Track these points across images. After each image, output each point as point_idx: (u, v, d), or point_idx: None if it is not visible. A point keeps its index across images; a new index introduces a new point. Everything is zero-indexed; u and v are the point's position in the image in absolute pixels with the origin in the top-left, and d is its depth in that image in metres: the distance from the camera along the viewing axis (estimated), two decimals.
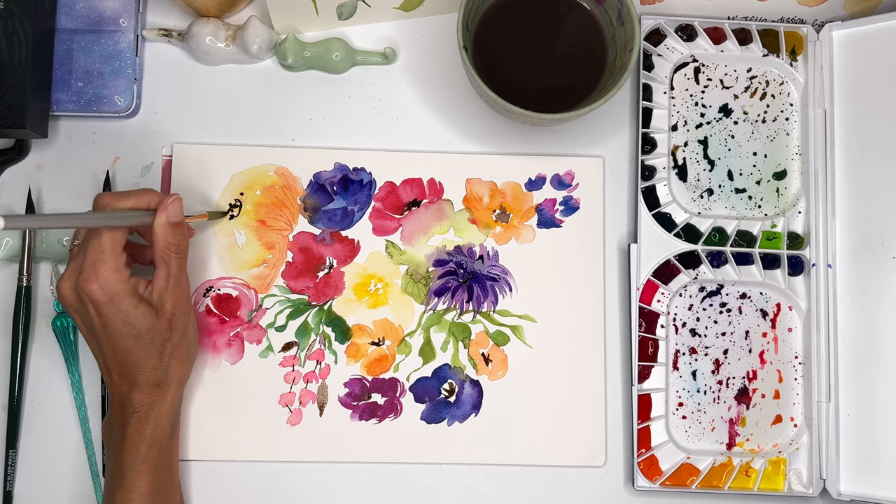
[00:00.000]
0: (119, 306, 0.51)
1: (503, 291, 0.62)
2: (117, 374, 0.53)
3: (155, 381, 0.53)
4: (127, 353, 0.52)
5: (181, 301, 0.54)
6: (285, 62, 0.63)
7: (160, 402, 0.54)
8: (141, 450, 0.53)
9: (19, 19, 0.58)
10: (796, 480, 0.60)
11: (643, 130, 0.63)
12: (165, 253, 0.53)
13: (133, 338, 0.52)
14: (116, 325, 0.51)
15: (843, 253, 0.62)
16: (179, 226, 0.54)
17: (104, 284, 0.50)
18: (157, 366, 0.53)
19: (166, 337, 0.53)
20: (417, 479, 0.60)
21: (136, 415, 0.53)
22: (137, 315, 0.52)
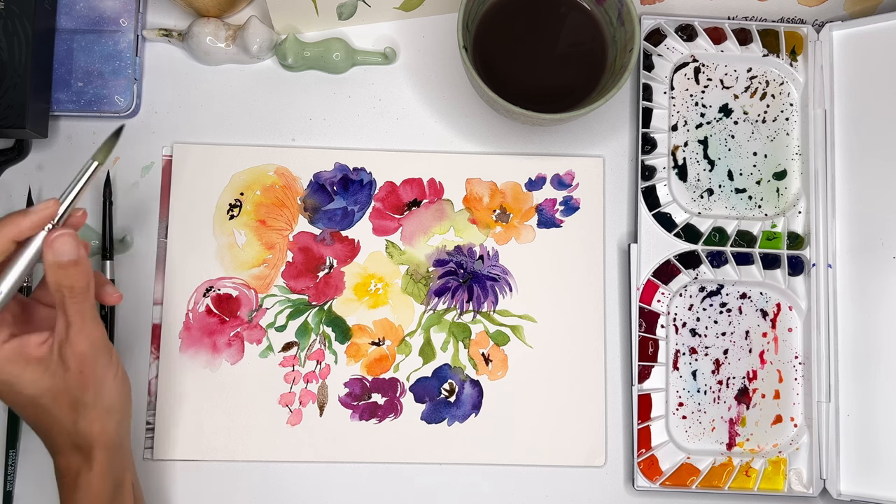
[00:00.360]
0: (4, 377, 0.44)
1: (503, 291, 0.62)
2: (40, 436, 0.48)
3: (74, 445, 0.47)
4: (32, 419, 0.47)
5: (92, 356, 0.46)
6: (285, 62, 0.63)
7: (86, 468, 0.47)
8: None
9: (19, 19, 0.58)
10: (796, 480, 0.60)
11: (643, 130, 0.63)
12: (59, 297, 0.45)
13: (30, 406, 0.46)
14: (8, 395, 0.45)
15: (843, 253, 0.62)
16: (74, 264, 0.45)
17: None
18: (71, 431, 0.47)
19: (74, 397, 0.46)
20: (417, 479, 0.60)
21: (65, 480, 0.47)
22: (23, 383, 0.45)
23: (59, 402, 0.46)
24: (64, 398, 0.46)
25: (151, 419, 0.59)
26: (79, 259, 0.45)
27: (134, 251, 0.61)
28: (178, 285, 0.61)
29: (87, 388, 0.46)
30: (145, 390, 0.60)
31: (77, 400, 0.46)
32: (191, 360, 0.60)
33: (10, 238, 0.45)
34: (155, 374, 0.60)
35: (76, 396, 0.46)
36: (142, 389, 0.60)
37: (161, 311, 0.60)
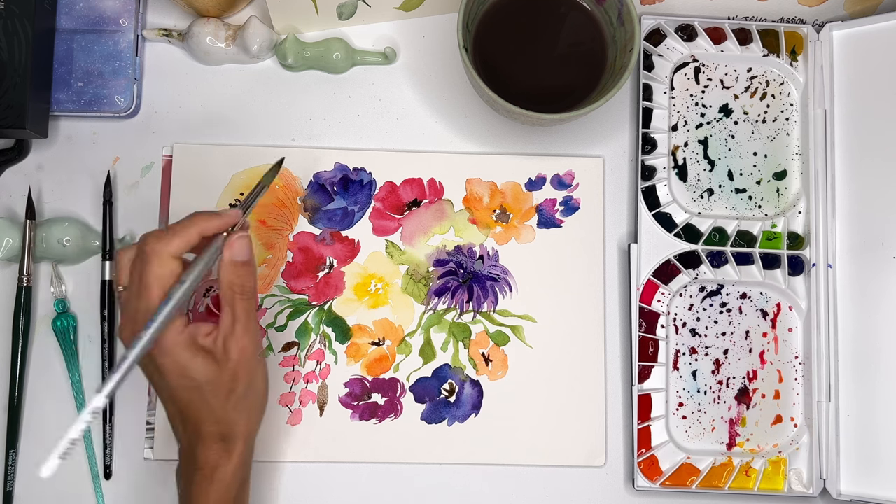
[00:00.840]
0: (175, 358, 0.47)
1: (503, 291, 0.62)
2: (181, 424, 0.50)
3: (219, 436, 0.49)
4: (188, 406, 0.49)
5: (247, 351, 0.49)
6: (285, 62, 0.63)
7: (225, 461, 0.49)
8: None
9: (19, 19, 0.58)
10: (796, 480, 0.60)
11: (643, 130, 0.63)
12: (230, 295, 0.49)
13: (193, 390, 0.48)
14: (175, 379, 0.48)
15: (843, 253, 0.62)
16: (246, 265, 0.49)
17: (160, 337, 0.47)
18: (221, 419, 0.49)
19: (230, 388, 0.49)
20: (417, 479, 0.60)
21: (201, 472, 0.49)
22: (195, 367, 0.48)
23: (217, 391, 0.48)
24: (222, 388, 0.49)
25: (151, 419, 0.59)
26: (250, 261, 0.50)
27: None
28: None
29: (242, 381, 0.49)
30: (145, 390, 0.60)
31: (232, 391, 0.49)
32: None
33: (199, 233, 0.48)
34: None
35: (231, 388, 0.49)
36: (142, 389, 0.60)
37: None
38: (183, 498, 0.50)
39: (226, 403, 0.49)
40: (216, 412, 0.49)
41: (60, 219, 0.60)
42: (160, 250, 0.47)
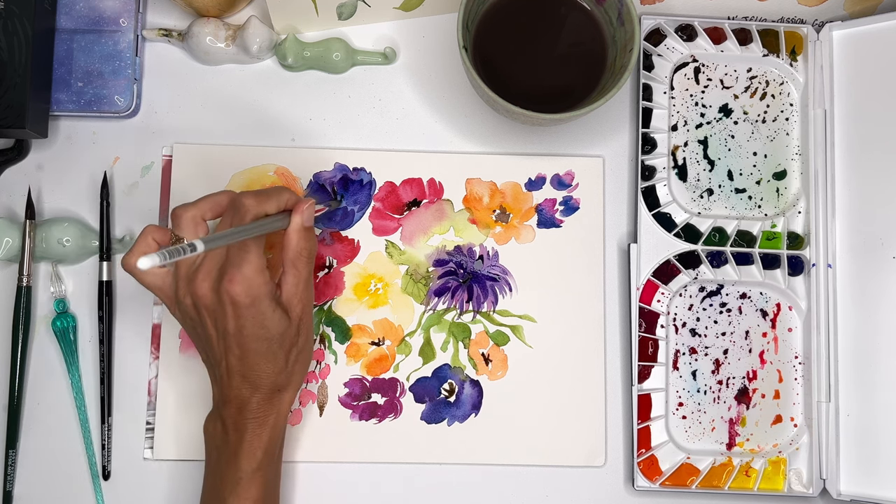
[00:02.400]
0: (259, 308, 0.50)
1: (503, 291, 0.62)
2: (240, 377, 0.52)
3: (277, 387, 0.52)
4: (256, 356, 0.51)
5: (308, 307, 0.54)
6: (285, 62, 0.63)
7: (278, 408, 0.53)
8: (257, 456, 0.52)
9: (19, 19, 0.58)
10: (796, 480, 0.60)
11: (643, 130, 0.63)
12: (298, 257, 0.52)
13: (266, 341, 0.51)
14: (253, 329, 0.50)
15: (843, 253, 0.62)
16: (311, 230, 0.53)
17: (249, 287, 0.49)
18: (282, 370, 0.52)
19: (293, 342, 0.53)
20: (417, 479, 0.60)
21: (256, 420, 0.52)
22: (274, 319, 0.51)
23: (284, 345, 0.52)
24: (287, 343, 0.52)
25: (151, 419, 0.59)
26: (313, 227, 0.54)
27: None
28: None
29: (303, 335, 0.53)
30: (145, 390, 0.60)
31: (294, 345, 0.53)
32: (191, 360, 0.60)
33: (287, 199, 0.53)
34: (155, 374, 0.60)
35: (294, 342, 0.53)
36: (142, 389, 0.60)
37: (161, 311, 0.60)
38: (225, 448, 0.52)
39: (288, 356, 0.52)
40: (279, 364, 0.52)
41: (60, 219, 0.60)
42: (258, 210, 0.51)
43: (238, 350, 0.51)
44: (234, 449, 0.52)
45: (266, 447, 0.52)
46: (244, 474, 0.51)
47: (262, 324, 0.50)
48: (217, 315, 0.50)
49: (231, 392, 0.52)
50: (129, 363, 0.60)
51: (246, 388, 0.52)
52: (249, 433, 0.52)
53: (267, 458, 0.52)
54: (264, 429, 0.52)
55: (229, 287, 0.49)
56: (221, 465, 0.52)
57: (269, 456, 0.53)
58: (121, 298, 0.61)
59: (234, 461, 0.52)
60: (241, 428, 0.52)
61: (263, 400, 0.52)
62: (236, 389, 0.52)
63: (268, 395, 0.52)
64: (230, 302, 0.49)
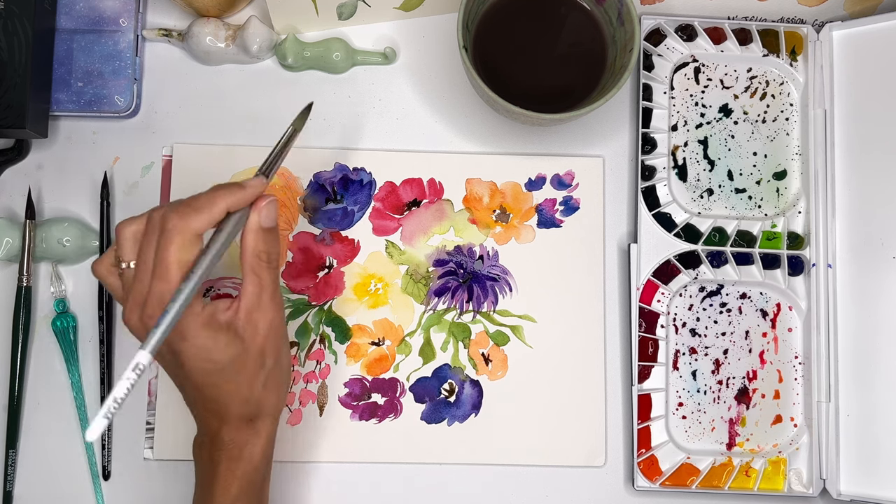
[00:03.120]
0: (194, 342, 0.44)
1: (503, 291, 0.62)
2: (202, 409, 0.47)
3: (247, 417, 0.47)
4: (212, 388, 0.46)
5: (275, 322, 0.46)
6: (285, 62, 0.63)
7: (253, 440, 0.48)
8: (231, 491, 0.47)
9: (19, 19, 0.58)
10: (796, 480, 0.60)
11: (643, 130, 0.63)
12: (255, 263, 0.46)
13: (217, 373, 0.45)
14: (195, 362, 0.45)
15: (843, 253, 0.62)
16: (272, 231, 0.46)
17: (178, 317, 0.43)
18: (249, 399, 0.46)
19: (258, 365, 0.46)
20: (417, 479, 0.60)
21: (227, 453, 0.47)
22: (218, 348, 0.44)
23: (245, 368, 0.46)
24: (249, 366, 0.46)
25: (151, 419, 0.59)
26: (276, 227, 0.46)
27: None
28: None
29: (270, 356, 0.46)
30: (145, 390, 0.60)
31: (260, 368, 0.46)
32: None
33: (225, 209, 0.45)
34: (155, 374, 0.60)
35: (259, 364, 0.46)
36: (142, 389, 0.60)
37: None
38: (204, 476, 0.48)
39: (254, 382, 0.46)
40: (243, 392, 0.46)
41: (60, 219, 0.60)
42: (183, 228, 0.43)
43: (190, 384, 0.46)
44: (209, 481, 0.48)
45: (241, 480, 0.47)
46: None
47: (205, 356, 0.44)
48: (159, 355, 0.46)
49: (200, 423, 0.48)
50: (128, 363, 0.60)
51: (213, 419, 0.47)
52: (223, 466, 0.47)
53: (244, 491, 0.48)
54: (238, 462, 0.47)
55: (150, 323, 0.43)
56: (199, 491, 0.49)
57: (248, 488, 0.48)
58: None
59: (209, 493, 0.48)
60: (214, 460, 0.47)
61: (234, 431, 0.47)
62: (204, 420, 0.48)
63: (237, 426, 0.47)
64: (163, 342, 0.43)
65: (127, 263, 0.45)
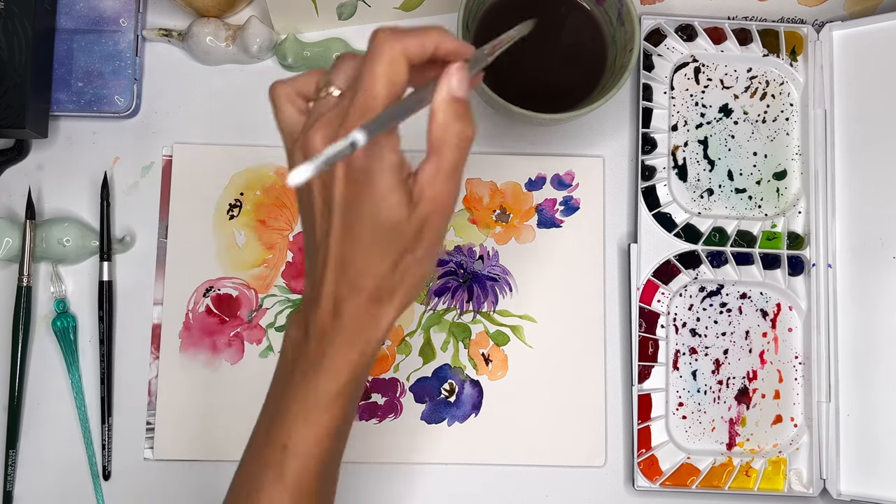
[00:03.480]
0: (375, 179, 0.39)
1: (503, 291, 0.62)
2: (338, 270, 0.41)
3: (378, 294, 0.41)
4: (361, 244, 0.40)
5: (442, 210, 0.40)
6: (285, 62, 0.63)
7: (374, 325, 0.41)
8: (341, 378, 0.41)
9: (19, 19, 0.58)
10: (796, 480, 0.60)
11: (643, 130, 0.63)
12: (442, 141, 0.40)
13: (374, 227, 0.39)
14: (362, 203, 0.39)
15: (843, 253, 0.62)
16: (463, 104, 0.40)
17: (371, 146, 0.38)
18: (388, 274, 0.40)
19: (409, 245, 0.40)
20: (417, 479, 0.60)
21: (346, 331, 0.41)
22: (391, 201, 0.39)
23: (394, 242, 0.40)
24: (400, 242, 0.40)
25: (151, 419, 0.59)
26: (469, 102, 0.40)
27: (134, 251, 0.61)
28: (178, 285, 0.61)
29: (425, 240, 0.41)
30: (145, 390, 0.60)
31: (409, 250, 0.40)
32: (191, 360, 0.60)
33: (434, 45, 0.40)
34: (155, 374, 0.60)
35: (408, 248, 0.40)
36: (142, 389, 0.60)
37: (161, 311, 0.60)
38: (312, 361, 0.42)
39: (399, 260, 0.40)
40: (385, 264, 0.40)
41: (60, 219, 0.60)
42: (394, 44, 0.38)
43: (341, 229, 0.40)
44: (315, 362, 0.41)
45: (353, 370, 0.41)
46: (322, 396, 0.41)
47: (375, 200, 0.39)
48: (326, 177, 0.40)
49: (324, 288, 0.41)
50: (129, 363, 0.60)
51: (343, 285, 0.41)
52: (336, 347, 0.41)
53: (351, 385, 0.42)
54: (355, 346, 0.41)
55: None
56: (294, 380, 0.42)
57: (355, 383, 0.42)
58: (121, 298, 0.61)
59: (311, 378, 0.41)
60: (327, 338, 0.41)
61: (360, 308, 0.41)
62: (331, 285, 0.41)
63: (366, 303, 0.41)
64: (345, 162, 0.39)
65: (332, 90, 0.41)
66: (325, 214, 0.41)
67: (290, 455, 0.42)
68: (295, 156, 0.41)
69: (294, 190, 0.42)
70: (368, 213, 0.39)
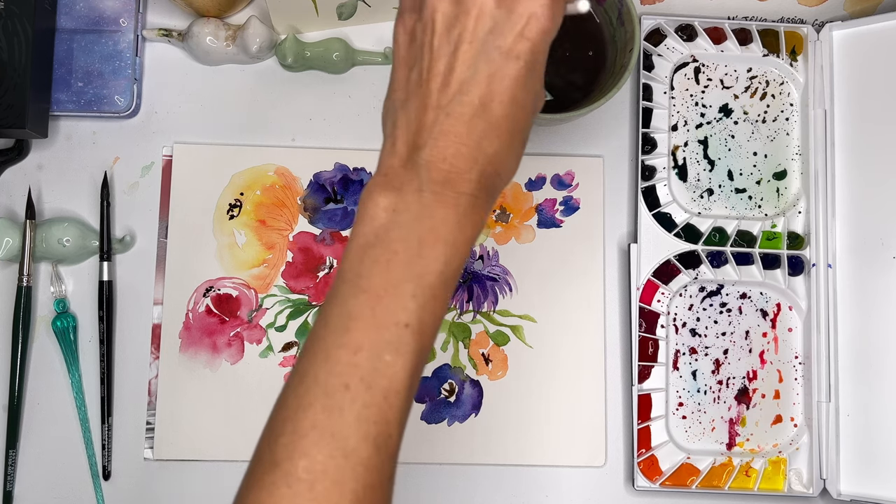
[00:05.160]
0: (544, 45, 0.37)
1: (503, 291, 0.62)
2: (450, 120, 0.37)
3: (496, 167, 0.36)
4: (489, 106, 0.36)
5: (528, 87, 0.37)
6: (285, 62, 0.63)
7: (492, 202, 0.37)
8: (454, 263, 0.35)
9: (19, 19, 0.58)
10: (796, 480, 0.60)
11: (643, 130, 0.63)
12: None
13: (510, 82, 0.36)
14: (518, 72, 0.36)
15: (843, 253, 0.62)
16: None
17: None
18: (510, 148, 0.36)
19: (525, 126, 0.37)
20: (417, 479, 0.60)
21: (472, 197, 0.35)
22: (537, 76, 0.36)
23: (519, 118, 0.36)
24: (524, 119, 0.37)
25: (151, 419, 0.59)
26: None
27: (134, 251, 0.61)
28: (178, 285, 0.61)
29: (526, 130, 0.37)
30: (145, 390, 0.60)
31: (522, 130, 0.37)
32: (191, 360, 0.60)
33: None
34: (155, 374, 0.60)
35: (524, 126, 0.37)
36: (142, 389, 0.60)
37: (161, 311, 0.60)
38: (406, 228, 0.36)
39: (515, 137, 0.36)
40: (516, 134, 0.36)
41: (60, 219, 0.60)
42: None
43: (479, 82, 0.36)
44: (439, 223, 0.34)
45: (466, 246, 0.34)
46: (432, 279, 0.33)
47: (529, 73, 0.37)
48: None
49: (451, 131, 0.36)
50: (129, 363, 0.60)
51: (478, 137, 0.36)
52: (463, 207, 0.34)
53: (453, 278, 0.34)
54: (480, 213, 0.34)
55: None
56: (408, 258, 0.34)
57: (454, 277, 0.34)
58: (121, 298, 0.61)
59: (426, 247, 0.33)
60: (450, 199, 0.34)
61: (482, 177, 0.35)
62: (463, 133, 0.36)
63: (483, 174, 0.35)
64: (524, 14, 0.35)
65: None
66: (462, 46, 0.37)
67: (412, 333, 0.33)
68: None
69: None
70: (510, 73, 0.36)
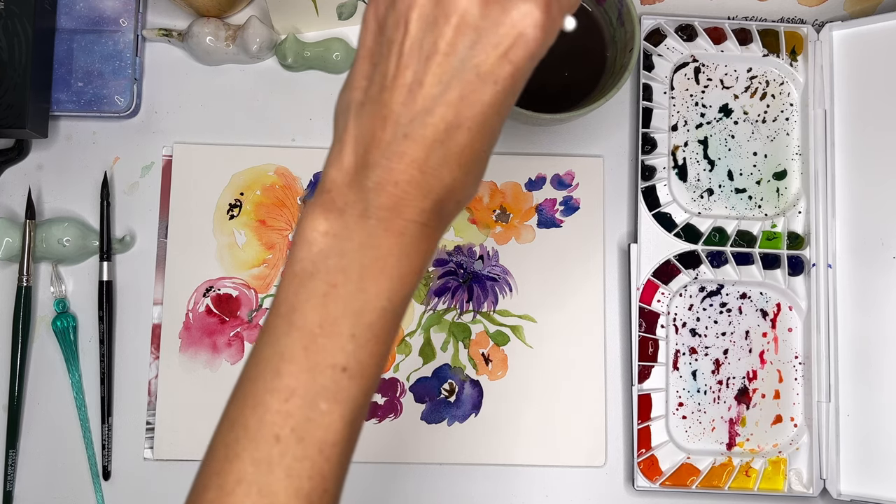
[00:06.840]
0: (528, 71, 0.33)
1: (503, 291, 0.62)
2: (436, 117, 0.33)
3: (453, 191, 0.33)
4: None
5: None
6: (285, 62, 0.63)
7: (445, 226, 0.34)
8: (409, 282, 0.34)
9: (19, 19, 0.58)
10: (796, 480, 0.60)
11: (643, 130, 0.63)
12: None
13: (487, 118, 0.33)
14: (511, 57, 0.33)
15: (843, 253, 0.62)
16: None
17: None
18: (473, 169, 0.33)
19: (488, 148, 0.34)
20: (417, 479, 0.60)
21: (419, 225, 0.32)
22: (514, 100, 0.33)
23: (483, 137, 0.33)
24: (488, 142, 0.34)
25: (151, 419, 0.59)
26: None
27: (134, 251, 0.61)
28: (178, 285, 0.61)
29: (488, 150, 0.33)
30: (145, 390, 0.60)
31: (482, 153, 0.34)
32: (191, 360, 0.60)
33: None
34: (155, 374, 0.60)
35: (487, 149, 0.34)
36: (142, 389, 0.60)
37: (161, 311, 0.60)
38: (359, 251, 0.33)
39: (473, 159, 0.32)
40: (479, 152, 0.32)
41: (60, 219, 0.60)
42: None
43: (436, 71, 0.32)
44: (384, 253, 0.31)
45: (413, 278, 0.32)
46: (374, 317, 0.32)
47: (517, 77, 0.34)
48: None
49: (408, 146, 0.32)
50: (129, 363, 0.60)
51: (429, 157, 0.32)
52: (411, 237, 0.31)
53: (398, 315, 0.33)
54: (431, 242, 0.32)
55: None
56: (327, 293, 0.32)
57: (399, 314, 0.33)
58: (121, 298, 0.61)
59: (368, 280, 0.32)
60: (397, 227, 0.31)
61: (436, 206, 0.32)
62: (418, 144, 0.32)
63: (441, 200, 0.32)
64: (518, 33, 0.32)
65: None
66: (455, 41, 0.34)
67: (350, 377, 0.32)
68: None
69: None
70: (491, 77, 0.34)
